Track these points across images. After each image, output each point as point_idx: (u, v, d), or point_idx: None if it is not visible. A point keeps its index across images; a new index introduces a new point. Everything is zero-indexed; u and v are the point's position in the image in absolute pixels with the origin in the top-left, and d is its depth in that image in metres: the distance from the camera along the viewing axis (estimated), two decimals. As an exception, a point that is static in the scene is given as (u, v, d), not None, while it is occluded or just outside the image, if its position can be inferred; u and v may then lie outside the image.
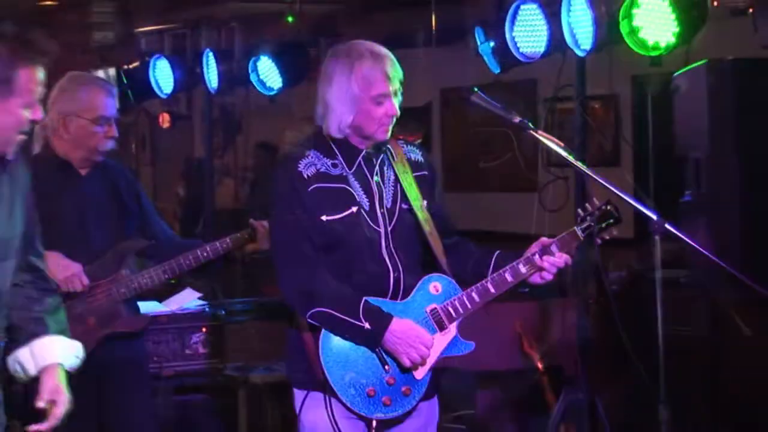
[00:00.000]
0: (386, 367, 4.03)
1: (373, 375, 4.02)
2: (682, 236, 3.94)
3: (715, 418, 5.75)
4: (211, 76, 7.85)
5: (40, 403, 3.61)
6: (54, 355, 3.70)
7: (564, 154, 4.11)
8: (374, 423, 4.03)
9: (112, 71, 11.32)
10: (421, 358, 4.02)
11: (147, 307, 5.68)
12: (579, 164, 4.11)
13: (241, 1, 8.48)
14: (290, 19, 8.07)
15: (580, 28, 5.75)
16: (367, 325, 3.96)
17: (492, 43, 6.27)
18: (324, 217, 4.03)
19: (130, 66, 8.48)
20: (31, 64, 3.44)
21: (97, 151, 5.03)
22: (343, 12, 10.21)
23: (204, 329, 6.63)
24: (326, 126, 4.11)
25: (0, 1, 9.53)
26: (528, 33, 6.05)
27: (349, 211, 4.06)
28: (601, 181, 4.02)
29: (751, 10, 5.52)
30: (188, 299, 6.72)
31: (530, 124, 4.16)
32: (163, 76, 8.13)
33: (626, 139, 8.69)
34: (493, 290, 4.11)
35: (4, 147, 3.52)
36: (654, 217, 3.92)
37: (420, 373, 4.06)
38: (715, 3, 5.53)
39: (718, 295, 5.54)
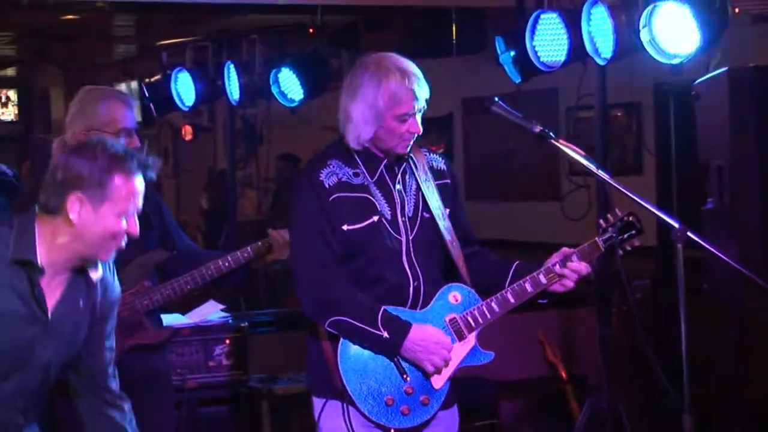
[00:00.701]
0: (405, 376, 4.03)
1: (391, 384, 4.03)
2: (705, 244, 3.94)
3: (738, 426, 5.72)
4: (233, 88, 7.86)
5: None
6: None
7: (586, 163, 4.10)
8: (392, 432, 4.04)
9: (134, 84, 11.36)
10: (444, 361, 4.02)
11: (170, 319, 5.68)
12: (601, 173, 4.11)
13: (262, 13, 8.48)
14: (311, 30, 8.06)
15: (600, 36, 5.73)
16: (385, 334, 3.96)
17: (512, 53, 6.25)
18: (345, 227, 4.03)
19: (152, 79, 8.49)
20: (128, 172, 3.38)
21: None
22: (365, 23, 10.23)
23: (227, 341, 6.63)
24: (346, 137, 4.11)
25: (24, 15, 9.63)
26: (548, 42, 6.04)
27: (370, 221, 4.05)
28: (623, 189, 4.02)
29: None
30: (211, 311, 6.72)
31: (551, 134, 4.16)
32: (184, 88, 8.14)
33: (648, 147, 8.67)
34: (512, 300, 4.11)
35: (94, 255, 3.48)
36: (676, 225, 3.91)
37: (438, 383, 4.05)
38: (737, 10, 5.51)
39: (740, 302, 5.52)
